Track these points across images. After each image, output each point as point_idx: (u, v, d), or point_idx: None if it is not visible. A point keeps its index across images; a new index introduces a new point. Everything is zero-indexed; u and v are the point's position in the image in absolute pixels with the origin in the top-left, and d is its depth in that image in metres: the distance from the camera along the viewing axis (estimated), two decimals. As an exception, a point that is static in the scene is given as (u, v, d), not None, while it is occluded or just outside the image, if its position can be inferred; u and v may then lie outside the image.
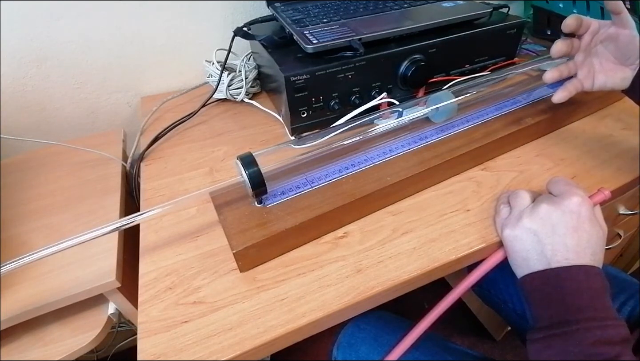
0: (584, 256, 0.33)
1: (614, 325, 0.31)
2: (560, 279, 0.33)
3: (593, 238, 0.34)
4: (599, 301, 0.32)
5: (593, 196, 0.37)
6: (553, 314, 0.33)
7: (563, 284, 0.33)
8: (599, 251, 0.34)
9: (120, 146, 0.61)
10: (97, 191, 0.52)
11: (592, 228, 0.34)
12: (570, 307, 0.32)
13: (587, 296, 0.32)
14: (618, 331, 0.31)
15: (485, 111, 0.51)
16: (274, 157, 0.40)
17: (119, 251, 0.44)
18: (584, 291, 0.32)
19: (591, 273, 0.33)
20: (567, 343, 0.31)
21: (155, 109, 0.63)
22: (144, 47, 0.65)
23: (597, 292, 0.32)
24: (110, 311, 0.46)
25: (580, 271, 0.33)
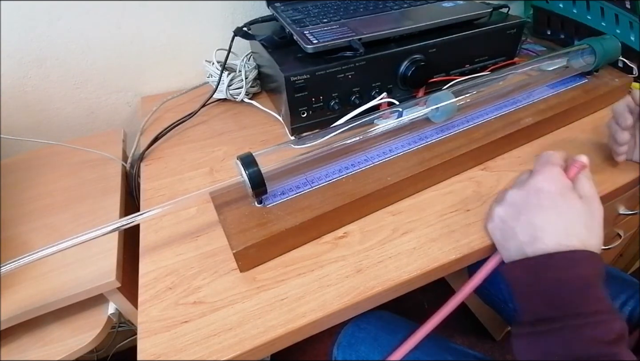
0: (564, 237, 0.30)
1: (606, 321, 0.27)
2: (540, 268, 0.30)
3: (569, 213, 0.31)
4: (587, 292, 0.28)
5: (568, 170, 0.35)
6: (537, 309, 0.30)
7: (544, 275, 0.29)
8: (585, 228, 0.30)
9: (120, 146, 0.61)
10: (97, 191, 0.52)
11: (566, 202, 0.31)
12: (554, 301, 0.29)
13: (572, 288, 0.28)
14: (611, 328, 0.27)
15: (485, 111, 0.51)
16: (274, 157, 0.40)
17: (119, 251, 0.44)
18: (568, 281, 0.28)
19: (576, 258, 0.29)
20: (553, 342, 0.28)
21: (155, 109, 0.63)
22: (144, 47, 0.65)
23: (585, 281, 0.28)
24: (110, 311, 0.46)
25: (562, 258, 0.29)
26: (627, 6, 0.59)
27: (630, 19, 0.59)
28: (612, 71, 0.60)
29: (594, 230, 0.31)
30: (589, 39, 0.55)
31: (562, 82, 0.58)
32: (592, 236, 0.30)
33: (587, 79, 0.58)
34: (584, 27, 0.67)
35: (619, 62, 0.61)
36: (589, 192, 0.32)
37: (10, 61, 0.58)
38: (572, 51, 0.55)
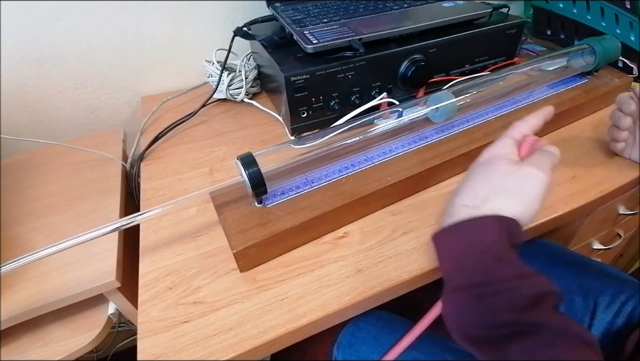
0: (478, 205, 0.30)
1: (512, 288, 0.26)
2: (451, 237, 0.30)
3: (488, 180, 0.31)
4: (488, 259, 0.28)
5: (521, 145, 0.34)
6: (451, 276, 0.30)
7: (452, 244, 0.30)
8: (502, 193, 0.30)
9: (120, 146, 0.61)
10: (97, 191, 0.52)
11: (488, 168, 0.32)
12: (463, 270, 0.29)
13: (475, 255, 0.28)
14: (519, 294, 0.26)
15: (485, 111, 0.51)
16: (274, 157, 0.40)
17: (119, 251, 0.44)
18: (471, 249, 0.28)
19: (477, 225, 0.29)
20: (466, 311, 0.27)
21: (155, 109, 0.63)
22: (144, 47, 0.65)
23: (486, 248, 0.28)
24: (110, 311, 0.46)
25: (466, 226, 0.29)
26: (627, 6, 0.59)
27: (630, 19, 0.59)
28: (612, 71, 0.60)
29: (515, 196, 0.30)
30: (589, 39, 0.55)
31: (562, 82, 0.58)
32: (510, 202, 0.30)
33: (587, 79, 0.58)
34: (584, 27, 0.67)
35: (619, 62, 0.61)
36: (532, 162, 0.32)
37: (10, 61, 0.58)
38: (572, 51, 0.55)
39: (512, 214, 0.29)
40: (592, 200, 0.43)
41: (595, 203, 0.44)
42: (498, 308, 0.26)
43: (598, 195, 0.44)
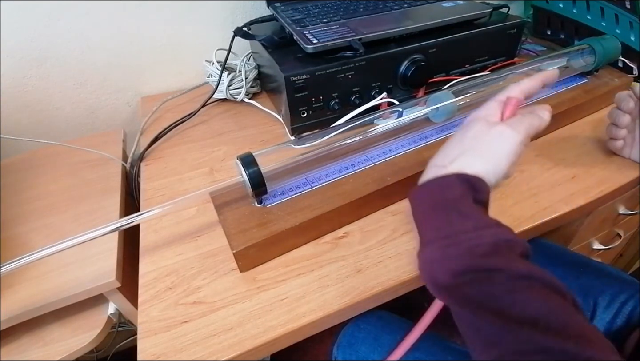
0: (446, 164, 0.31)
1: (473, 237, 0.27)
2: (421, 194, 0.32)
3: (461, 141, 0.32)
4: (451, 214, 0.29)
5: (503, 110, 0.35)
6: (422, 230, 0.31)
7: (423, 200, 0.32)
8: (471, 152, 0.31)
9: (120, 146, 0.61)
10: (97, 191, 0.52)
11: (465, 129, 0.33)
12: (431, 224, 0.30)
13: (440, 210, 0.30)
14: (479, 243, 0.27)
15: (485, 111, 0.51)
16: (274, 157, 0.40)
17: (119, 251, 0.44)
18: (437, 205, 0.30)
19: (443, 183, 0.30)
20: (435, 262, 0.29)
21: (155, 109, 0.63)
22: (144, 47, 0.65)
23: (451, 204, 0.29)
24: (110, 311, 0.46)
25: (433, 184, 0.31)
26: (627, 6, 0.59)
27: (630, 19, 0.59)
28: (612, 71, 0.60)
29: (481, 155, 0.31)
30: (589, 39, 0.55)
31: (562, 82, 0.58)
32: (476, 161, 0.31)
33: (587, 79, 0.58)
34: (584, 27, 0.67)
35: (619, 62, 0.61)
36: (507, 122, 0.33)
37: (10, 61, 0.58)
38: (572, 51, 0.55)
39: (476, 172, 0.30)
40: (592, 200, 0.43)
41: (595, 203, 0.44)
42: (460, 257, 0.27)
43: (598, 195, 0.44)
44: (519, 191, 0.44)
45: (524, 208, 0.42)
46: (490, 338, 0.25)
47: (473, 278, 0.26)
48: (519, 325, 0.24)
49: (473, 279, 0.26)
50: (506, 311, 0.25)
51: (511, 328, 0.24)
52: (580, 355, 0.23)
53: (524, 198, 0.43)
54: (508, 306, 0.25)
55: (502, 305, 0.25)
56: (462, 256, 0.27)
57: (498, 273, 0.26)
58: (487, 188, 0.31)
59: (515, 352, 0.24)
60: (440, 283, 0.28)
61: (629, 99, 0.44)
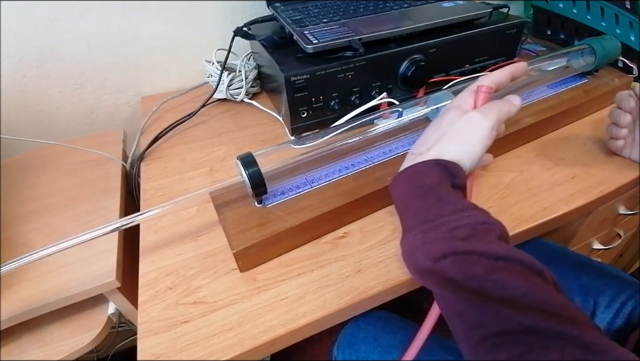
0: (423, 152, 0.33)
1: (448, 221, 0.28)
2: (399, 182, 0.33)
3: (437, 129, 0.34)
4: (429, 199, 0.30)
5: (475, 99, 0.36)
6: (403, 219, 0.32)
7: (401, 188, 0.33)
8: (445, 140, 0.33)
9: (120, 146, 0.61)
10: (97, 191, 0.52)
11: (439, 119, 0.35)
12: (409, 211, 0.31)
13: (418, 197, 0.31)
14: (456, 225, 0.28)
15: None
16: (274, 157, 0.40)
17: (119, 251, 0.44)
18: (414, 191, 0.31)
19: (420, 170, 0.32)
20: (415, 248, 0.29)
21: (155, 109, 0.63)
22: (144, 47, 0.65)
23: (426, 189, 0.30)
24: (110, 311, 0.46)
25: (410, 171, 0.33)
26: (627, 6, 0.59)
27: (630, 19, 0.59)
28: (612, 71, 0.60)
29: (455, 141, 0.33)
30: (589, 39, 0.55)
31: (562, 82, 0.58)
32: (451, 147, 0.33)
33: (587, 79, 0.58)
34: (584, 27, 0.67)
35: (619, 62, 0.61)
36: (478, 109, 0.34)
37: (10, 61, 0.58)
38: (572, 51, 0.55)
39: (452, 158, 0.32)
40: (592, 200, 0.43)
41: (595, 203, 0.44)
42: (439, 241, 0.28)
43: (598, 195, 0.44)
44: (519, 191, 0.44)
45: (524, 208, 0.42)
46: (473, 321, 0.26)
47: (453, 260, 0.27)
48: (500, 305, 0.24)
49: (453, 262, 0.27)
50: (486, 291, 0.25)
51: (492, 308, 0.25)
52: (563, 332, 0.23)
53: (524, 197, 0.43)
54: (488, 287, 0.25)
55: (482, 285, 0.25)
56: (442, 240, 0.28)
57: (477, 255, 0.26)
58: (463, 173, 0.32)
59: (498, 333, 0.24)
60: (422, 268, 0.28)
61: (629, 99, 0.44)
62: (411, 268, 0.30)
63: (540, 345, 0.23)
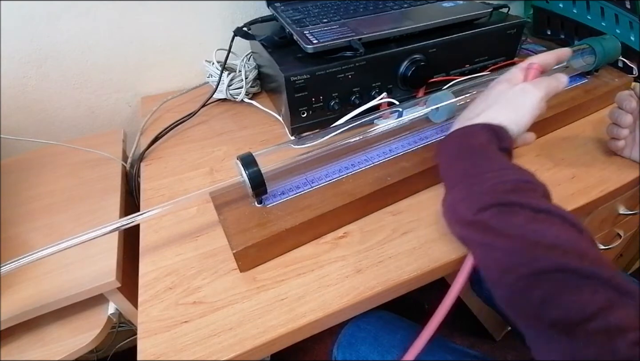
0: (472, 117, 0.35)
1: (495, 176, 0.30)
2: (448, 142, 0.36)
3: (487, 98, 0.37)
4: (476, 157, 0.32)
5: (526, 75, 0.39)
6: (446, 174, 0.35)
7: (448, 150, 0.35)
8: (495, 107, 0.35)
9: (120, 146, 0.61)
10: (97, 191, 0.52)
11: (491, 89, 0.37)
12: (455, 169, 0.33)
13: (466, 155, 0.33)
14: (502, 180, 0.30)
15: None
16: (274, 157, 0.40)
17: (119, 251, 0.44)
18: (462, 150, 0.34)
19: (468, 132, 0.34)
20: (459, 199, 0.31)
21: (155, 109, 0.63)
22: (144, 47, 0.65)
23: (476, 149, 0.33)
24: (110, 311, 0.46)
25: (460, 132, 0.35)
26: (627, 6, 0.59)
27: (630, 19, 0.59)
28: (612, 71, 0.60)
29: (505, 108, 0.35)
30: (589, 39, 0.55)
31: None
32: (500, 113, 0.35)
33: (587, 79, 0.58)
34: (584, 27, 0.67)
35: (619, 62, 0.61)
36: (530, 83, 0.37)
37: (10, 61, 0.58)
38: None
39: (501, 123, 0.34)
40: (592, 200, 0.43)
41: (595, 203, 0.44)
42: (482, 194, 0.30)
43: (598, 195, 0.44)
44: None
45: (524, 208, 0.42)
46: (509, 264, 0.27)
47: (495, 211, 0.28)
48: (537, 248, 0.26)
49: (495, 212, 0.28)
50: (525, 237, 0.26)
51: (530, 251, 0.26)
52: (596, 274, 0.24)
53: (524, 198, 0.43)
54: (527, 234, 0.27)
55: (522, 232, 0.27)
56: (485, 193, 0.29)
57: (519, 206, 0.28)
58: (510, 137, 0.34)
59: (533, 273, 0.25)
60: (463, 219, 0.30)
61: (631, 99, 0.44)
62: (452, 221, 0.32)
63: (573, 284, 0.24)
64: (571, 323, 0.23)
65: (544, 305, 0.24)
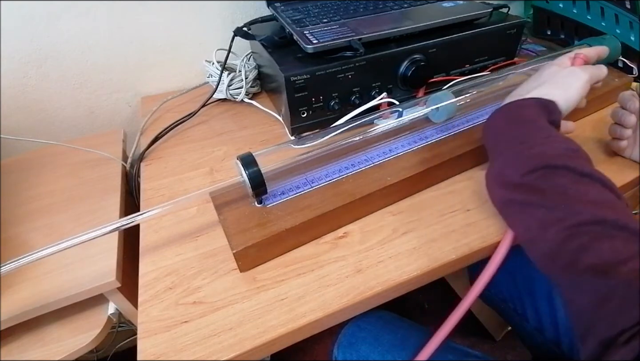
0: (524, 94, 0.38)
1: (545, 143, 0.33)
2: (500, 113, 0.39)
3: (539, 78, 0.40)
4: (528, 127, 0.35)
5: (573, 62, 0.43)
6: (494, 143, 0.38)
7: (499, 120, 0.38)
8: (547, 85, 0.39)
9: (120, 146, 0.61)
10: (97, 191, 0.52)
11: (543, 69, 0.41)
12: (505, 137, 0.36)
13: (518, 125, 0.36)
14: (553, 147, 0.32)
15: (485, 111, 0.51)
16: (274, 157, 0.40)
17: (119, 251, 0.44)
18: (515, 121, 0.36)
19: (521, 104, 0.37)
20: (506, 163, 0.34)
21: (155, 109, 0.63)
22: (144, 47, 0.65)
23: (527, 119, 0.36)
24: (110, 311, 0.46)
25: (513, 105, 0.38)
26: (627, 6, 0.59)
27: (630, 19, 0.59)
28: (612, 71, 0.60)
29: (556, 85, 0.39)
30: (589, 39, 0.55)
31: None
32: (551, 89, 0.38)
33: (587, 79, 0.58)
34: (584, 27, 0.67)
35: (619, 62, 0.61)
36: (578, 67, 0.41)
37: (10, 61, 0.58)
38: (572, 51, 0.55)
39: (551, 98, 0.37)
40: (592, 200, 0.43)
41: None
42: (530, 157, 0.32)
43: (598, 195, 0.44)
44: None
45: (524, 208, 0.42)
46: (551, 220, 0.30)
47: (542, 173, 0.31)
48: (579, 204, 0.29)
49: (541, 174, 0.31)
50: (568, 195, 0.30)
51: (571, 207, 0.29)
52: (629, 226, 0.27)
53: (524, 197, 0.43)
54: (570, 193, 0.30)
55: (565, 191, 0.30)
56: (535, 157, 0.32)
57: (565, 169, 0.31)
58: (560, 112, 0.37)
59: (572, 225, 0.28)
60: (511, 181, 0.33)
61: (634, 99, 0.44)
62: (497, 185, 0.35)
63: (608, 234, 0.27)
64: (605, 266, 0.26)
65: (581, 253, 0.27)
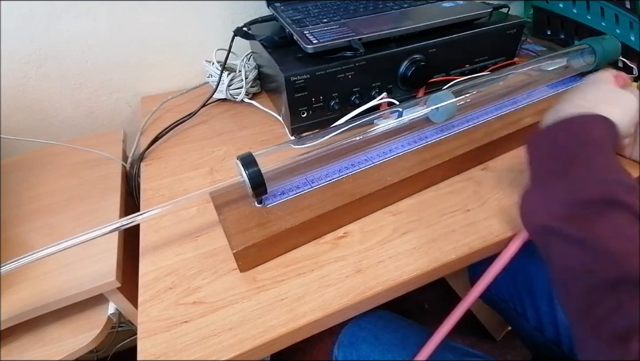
0: (587, 109, 0.34)
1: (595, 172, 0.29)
2: (559, 129, 0.34)
3: (590, 94, 0.36)
4: (583, 147, 0.31)
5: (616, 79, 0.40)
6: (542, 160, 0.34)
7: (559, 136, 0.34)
8: (600, 101, 0.35)
9: (120, 146, 0.61)
10: (97, 191, 0.52)
11: (593, 87, 0.37)
12: (559, 155, 0.32)
13: (572, 142, 0.32)
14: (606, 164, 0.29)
15: (485, 111, 0.51)
16: (274, 157, 0.40)
17: (119, 251, 0.44)
18: (569, 137, 0.32)
19: (588, 120, 0.33)
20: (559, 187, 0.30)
21: (155, 109, 0.63)
22: (144, 47, 0.65)
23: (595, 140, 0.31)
24: (110, 311, 0.46)
25: (575, 120, 0.33)
26: (627, 6, 0.59)
27: (630, 19, 0.59)
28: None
29: (619, 107, 0.34)
30: (589, 39, 0.55)
31: (562, 82, 0.58)
32: (615, 111, 0.34)
33: (587, 79, 0.58)
34: (584, 27, 0.67)
35: (619, 62, 0.61)
36: (628, 89, 0.38)
37: (10, 61, 0.58)
38: (572, 51, 0.55)
39: (614, 120, 0.33)
40: (592, 200, 0.43)
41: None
42: (593, 186, 0.29)
43: (598, 195, 0.44)
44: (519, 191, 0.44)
45: (524, 208, 0.42)
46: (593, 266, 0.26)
47: (600, 206, 0.28)
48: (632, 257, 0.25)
49: (599, 208, 0.28)
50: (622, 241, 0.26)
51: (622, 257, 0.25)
52: None
53: (524, 197, 0.43)
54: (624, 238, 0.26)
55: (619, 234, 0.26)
56: (595, 186, 0.29)
57: (625, 207, 0.27)
58: (619, 136, 0.34)
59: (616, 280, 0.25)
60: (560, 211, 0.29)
61: None
62: (541, 210, 0.31)
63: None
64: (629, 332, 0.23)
65: (613, 313, 0.24)
